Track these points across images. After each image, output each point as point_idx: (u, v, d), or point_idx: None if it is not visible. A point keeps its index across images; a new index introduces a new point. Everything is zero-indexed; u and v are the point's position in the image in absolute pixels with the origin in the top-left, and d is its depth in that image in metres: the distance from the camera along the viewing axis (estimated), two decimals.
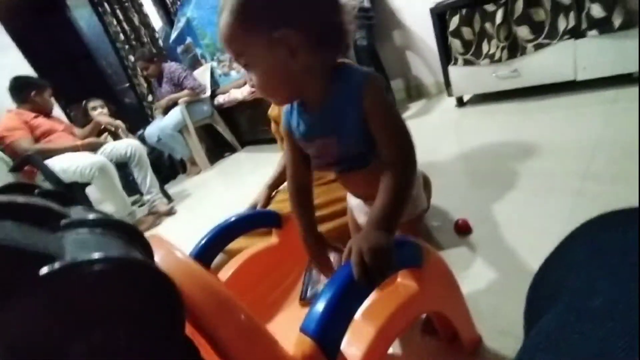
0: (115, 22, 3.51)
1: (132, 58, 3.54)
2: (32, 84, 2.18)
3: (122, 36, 3.55)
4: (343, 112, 0.52)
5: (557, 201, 0.95)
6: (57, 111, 2.97)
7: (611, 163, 1.01)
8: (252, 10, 0.47)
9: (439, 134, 1.85)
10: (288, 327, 0.40)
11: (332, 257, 0.74)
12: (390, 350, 0.69)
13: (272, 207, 1.16)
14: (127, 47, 3.56)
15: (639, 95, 1.09)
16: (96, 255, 0.19)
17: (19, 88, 2.13)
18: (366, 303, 0.45)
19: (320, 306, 0.37)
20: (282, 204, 1.15)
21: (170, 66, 3.05)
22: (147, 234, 0.64)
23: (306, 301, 0.72)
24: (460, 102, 2.05)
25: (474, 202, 1.11)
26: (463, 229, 0.94)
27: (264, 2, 0.47)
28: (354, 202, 0.76)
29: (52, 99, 2.30)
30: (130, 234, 0.28)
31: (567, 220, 0.86)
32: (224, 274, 0.75)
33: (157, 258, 0.43)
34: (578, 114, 1.41)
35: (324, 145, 0.57)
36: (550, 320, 0.24)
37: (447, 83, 1.99)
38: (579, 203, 0.90)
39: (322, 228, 0.95)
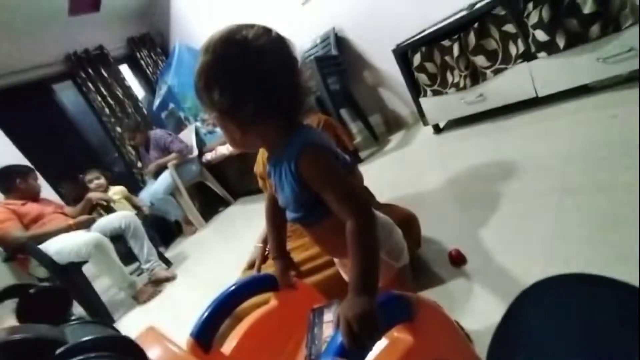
0: (99, 99, 3.66)
1: (118, 129, 3.65)
2: (15, 172, 2.18)
3: (107, 110, 3.69)
4: (284, 173, 0.56)
5: (541, 219, 0.98)
6: (48, 190, 2.99)
7: (584, 174, 1.06)
8: (200, 90, 0.54)
9: (421, 163, 1.92)
10: None
11: (327, 314, 0.75)
12: None
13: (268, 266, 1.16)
14: (112, 119, 3.69)
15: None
16: None
17: (2, 179, 2.13)
18: None
19: None
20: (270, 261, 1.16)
21: (155, 133, 3.16)
22: (143, 330, 0.65)
23: None
24: (437, 129, 2.14)
25: (463, 229, 1.14)
26: (457, 260, 0.96)
27: (203, 89, 0.53)
28: (337, 261, 0.79)
29: (39, 181, 2.31)
30: (124, 348, 0.30)
31: (552, 238, 0.88)
32: (229, 346, 0.74)
33: (154, 356, 0.44)
34: (545, 128, 1.49)
35: (277, 191, 0.63)
36: None
37: (421, 113, 2.09)
38: (562, 219, 0.93)
39: (310, 280, 0.96)
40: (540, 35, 1.47)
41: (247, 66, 0.51)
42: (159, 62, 4.15)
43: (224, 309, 0.71)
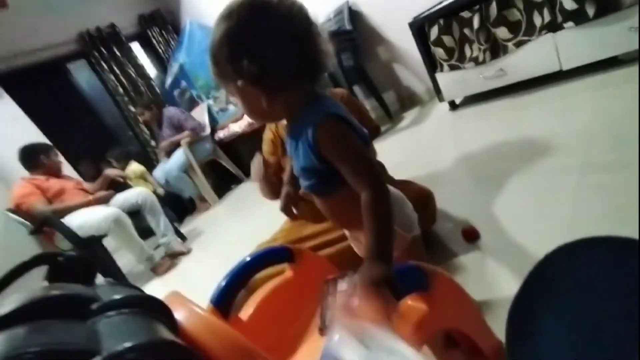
0: (113, 78, 3.68)
1: (132, 108, 3.68)
2: (39, 149, 2.28)
3: (120, 89, 3.71)
4: (300, 143, 0.56)
5: (559, 198, 0.96)
6: (67, 168, 3.09)
7: (607, 151, 1.02)
8: (219, 59, 0.53)
9: (436, 140, 1.88)
10: (311, 358, 0.42)
11: (341, 284, 0.76)
12: None
13: (277, 237, 1.18)
14: (126, 98, 3.72)
15: None
16: (129, 344, 0.22)
17: (28, 156, 2.23)
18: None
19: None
20: (285, 232, 1.17)
21: (168, 111, 3.17)
22: (167, 294, 0.68)
23: (325, 330, 0.74)
24: (453, 106, 2.08)
25: (479, 206, 1.12)
26: (470, 236, 0.96)
27: (227, 55, 0.52)
28: (348, 234, 0.79)
29: (61, 158, 2.40)
30: (153, 306, 0.31)
31: (570, 217, 0.87)
32: (245, 313, 0.77)
33: (180, 317, 0.45)
34: (569, 104, 1.43)
35: (293, 161, 0.63)
36: None
37: (437, 90, 2.03)
38: (581, 198, 0.91)
39: (324, 253, 0.97)
40: (569, 4, 1.38)
41: (275, 30, 0.51)
42: (171, 40, 4.11)
43: (241, 279, 0.74)
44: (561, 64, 1.54)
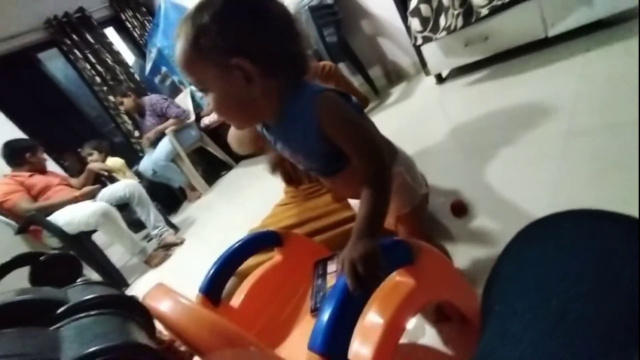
0: (88, 67, 3.52)
1: (112, 98, 3.56)
2: (25, 146, 2.21)
3: (98, 79, 3.56)
4: (301, 133, 0.54)
5: (546, 164, 0.96)
6: (51, 164, 3.00)
7: (592, 115, 1.02)
8: (206, 39, 0.48)
9: (424, 115, 1.86)
10: (303, 340, 0.42)
11: (331, 265, 0.77)
12: (406, 341, 0.71)
13: (267, 223, 1.17)
14: (105, 88, 3.58)
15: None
16: (92, 349, 0.21)
17: (13, 153, 2.16)
18: (369, 305, 0.47)
19: (322, 322, 0.40)
20: (275, 218, 1.17)
21: (150, 98, 3.07)
22: (151, 276, 0.67)
23: (316, 312, 0.75)
24: (440, 79, 2.05)
25: (468, 178, 1.12)
26: (459, 211, 0.96)
27: (218, 31, 0.48)
28: (353, 202, 0.78)
29: (45, 155, 2.33)
30: (126, 306, 0.30)
31: (556, 185, 0.87)
32: (236, 300, 0.77)
33: (165, 308, 0.45)
34: (553, 70, 1.41)
35: (292, 157, 0.61)
36: (483, 345, 0.26)
37: (423, 63, 1.99)
38: (566, 162, 0.91)
39: (318, 239, 0.97)
40: None
41: (265, 9, 0.50)
42: (146, 23, 3.92)
43: (230, 266, 0.73)
44: (547, 31, 1.51)
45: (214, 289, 0.70)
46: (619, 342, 0.19)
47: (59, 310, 0.27)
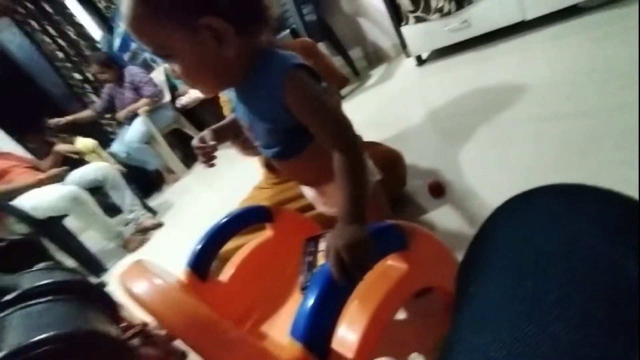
0: (48, 40, 3.24)
1: (77, 76, 3.33)
2: None
3: (60, 54, 3.30)
4: (263, 103, 0.51)
5: (519, 147, 1.00)
6: (10, 144, 2.81)
7: (565, 99, 1.05)
8: None
9: (403, 97, 1.87)
10: (292, 317, 0.41)
11: (322, 243, 0.76)
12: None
13: (255, 196, 1.15)
14: (68, 64, 3.33)
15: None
16: (38, 337, 0.19)
17: None
18: (358, 289, 0.45)
19: (305, 310, 0.39)
20: (254, 200, 1.15)
21: (130, 69, 2.86)
22: (130, 260, 0.65)
23: (306, 290, 0.75)
24: (420, 61, 2.05)
25: (446, 160, 1.15)
26: (436, 192, 0.98)
27: None
28: (308, 193, 0.76)
29: None
30: (84, 290, 0.29)
31: (531, 166, 0.91)
32: (225, 275, 0.76)
33: (137, 288, 0.43)
34: (530, 54, 1.45)
35: (250, 128, 0.58)
36: (455, 327, 0.26)
37: (403, 44, 1.98)
38: (541, 146, 0.95)
39: (311, 214, 0.96)
40: None
41: None
42: None
43: (218, 240, 0.71)
44: (524, 14, 1.53)
45: (201, 263, 0.67)
46: (598, 324, 0.19)
47: (8, 297, 0.25)
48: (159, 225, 2.20)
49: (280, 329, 0.68)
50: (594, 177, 0.76)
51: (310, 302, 0.38)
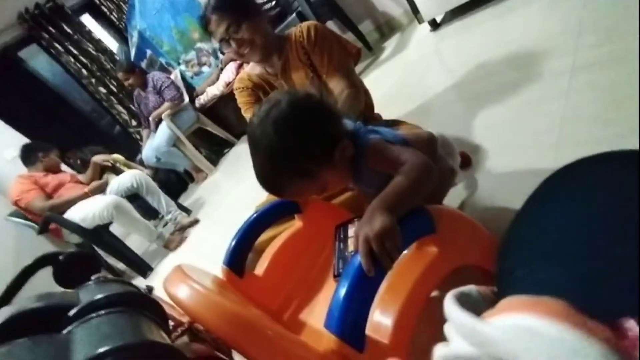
0: (72, 60, 3.42)
1: (102, 90, 3.49)
2: (37, 147, 2.35)
3: (84, 71, 3.47)
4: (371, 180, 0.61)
5: (550, 104, 0.92)
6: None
7: (596, 47, 0.96)
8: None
9: (421, 66, 1.79)
10: (328, 305, 0.42)
11: (351, 229, 0.76)
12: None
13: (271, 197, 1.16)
14: (93, 80, 3.50)
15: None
16: (102, 349, 0.21)
17: (26, 153, 2.30)
18: (391, 273, 0.45)
19: (337, 303, 0.40)
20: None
21: (153, 74, 2.97)
22: (172, 259, 0.68)
23: (338, 278, 0.76)
24: (434, 25, 1.94)
25: (471, 129, 1.10)
26: (462, 162, 0.94)
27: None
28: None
29: (56, 157, 2.41)
30: (137, 303, 0.30)
31: (561, 122, 0.84)
32: (261, 268, 0.79)
33: (182, 295, 0.46)
34: (553, 3, 1.31)
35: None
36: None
37: (415, 9, 1.88)
38: (572, 99, 0.88)
39: (335, 202, 0.96)
40: None
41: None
42: (122, 4, 3.74)
43: (250, 237, 0.75)
44: None
45: (236, 260, 0.71)
46: None
47: (71, 313, 0.28)
48: (195, 222, 2.31)
49: (319, 316, 0.69)
50: (628, 129, 0.69)
51: (342, 294, 0.39)
